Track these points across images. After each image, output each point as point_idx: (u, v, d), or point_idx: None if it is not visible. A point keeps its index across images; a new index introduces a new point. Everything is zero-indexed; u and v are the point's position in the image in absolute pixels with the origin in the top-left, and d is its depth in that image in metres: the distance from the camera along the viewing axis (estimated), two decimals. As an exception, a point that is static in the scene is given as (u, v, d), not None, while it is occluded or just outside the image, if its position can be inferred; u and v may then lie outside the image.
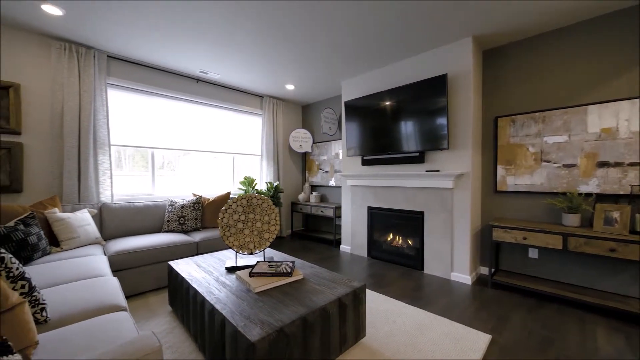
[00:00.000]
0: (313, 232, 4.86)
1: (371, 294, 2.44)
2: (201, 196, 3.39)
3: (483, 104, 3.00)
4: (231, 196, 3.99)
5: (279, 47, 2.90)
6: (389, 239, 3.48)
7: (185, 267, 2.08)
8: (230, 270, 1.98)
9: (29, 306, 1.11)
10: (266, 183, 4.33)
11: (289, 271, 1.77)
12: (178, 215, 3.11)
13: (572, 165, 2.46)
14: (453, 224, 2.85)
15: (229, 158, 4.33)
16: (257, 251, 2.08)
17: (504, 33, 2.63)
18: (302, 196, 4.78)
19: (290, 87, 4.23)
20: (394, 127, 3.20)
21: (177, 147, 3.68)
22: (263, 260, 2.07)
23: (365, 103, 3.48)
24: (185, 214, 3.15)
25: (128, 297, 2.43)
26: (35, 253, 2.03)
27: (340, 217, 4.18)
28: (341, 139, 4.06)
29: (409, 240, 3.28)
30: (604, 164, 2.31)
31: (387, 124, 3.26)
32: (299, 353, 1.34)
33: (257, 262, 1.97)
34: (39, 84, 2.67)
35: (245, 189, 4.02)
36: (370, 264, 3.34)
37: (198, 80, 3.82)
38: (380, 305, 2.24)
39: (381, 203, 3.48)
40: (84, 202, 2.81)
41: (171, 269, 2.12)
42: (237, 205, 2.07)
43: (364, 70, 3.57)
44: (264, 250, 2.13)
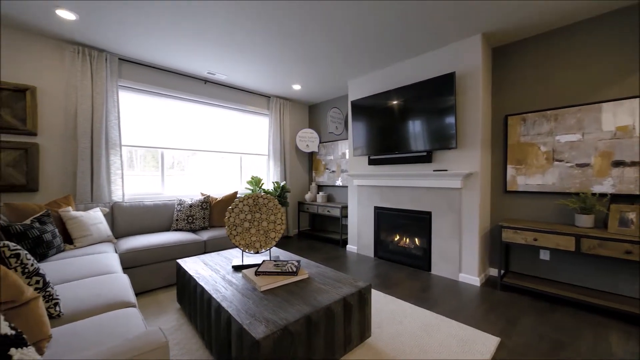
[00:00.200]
0: (319, 231, 4.86)
1: (377, 294, 2.43)
2: (209, 196, 3.44)
3: (492, 103, 2.94)
4: (238, 196, 4.03)
5: (285, 47, 2.92)
6: (395, 239, 3.45)
7: (193, 265, 2.11)
8: (237, 268, 2.00)
9: (43, 301, 1.15)
10: (273, 183, 4.36)
11: (295, 270, 1.78)
12: (186, 215, 3.17)
13: (586, 165, 2.39)
14: (461, 224, 2.81)
15: (236, 158, 4.38)
16: (263, 250, 2.10)
17: (514, 30, 2.57)
18: (308, 196, 4.79)
19: (296, 87, 4.24)
20: (401, 127, 3.17)
21: (186, 148, 3.75)
22: (269, 259, 2.08)
23: (372, 102, 3.46)
24: (193, 213, 3.20)
25: (138, 294, 2.48)
26: (50, 250, 2.10)
27: (347, 217, 4.17)
28: (348, 138, 4.05)
29: (416, 241, 3.25)
30: (619, 164, 2.24)
31: (394, 124, 3.24)
32: (303, 351, 1.34)
33: (263, 261, 1.99)
34: (53, 86, 2.76)
35: (252, 188, 4.06)
36: (376, 264, 3.32)
37: (206, 81, 3.87)
38: (386, 305, 2.23)
39: (388, 203, 3.46)
40: (97, 201, 2.89)
41: (179, 267, 2.16)
42: (243, 204, 2.09)
43: (370, 70, 3.55)
44: (269, 250, 2.15)
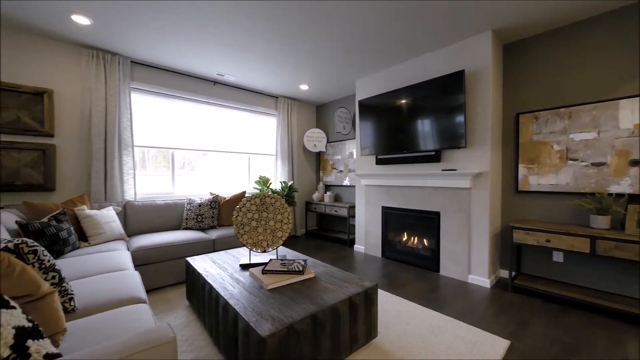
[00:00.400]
0: (327, 231, 4.87)
1: (384, 295, 2.42)
2: (218, 195, 3.49)
3: (503, 101, 2.88)
4: (246, 195, 4.07)
5: (292, 47, 2.94)
6: (403, 239, 3.42)
7: (202, 263, 2.15)
8: (244, 267, 2.03)
9: (58, 296, 1.19)
10: (281, 182, 4.39)
11: (301, 269, 1.79)
12: (196, 214, 3.22)
13: (602, 164, 2.31)
14: (471, 225, 2.76)
15: (244, 158, 4.43)
16: (270, 249, 2.12)
17: (526, 26, 2.51)
18: (316, 195, 4.80)
19: (304, 87, 4.26)
20: (409, 126, 3.14)
21: (195, 148, 3.81)
22: (276, 258, 2.10)
23: (379, 102, 3.44)
24: (202, 212, 3.25)
25: (148, 291, 2.54)
26: (66, 247, 2.18)
27: (354, 217, 4.16)
28: (355, 138, 4.04)
29: (424, 241, 3.21)
30: (637, 163, 2.16)
31: (402, 123, 3.21)
32: (309, 350, 1.35)
33: (270, 259, 2.01)
34: (69, 89, 2.86)
35: (260, 188, 4.10)
36: (384, 264, 3.30)
37: (215, 82, 3.93)
38: (393, 306, 2.21)
39: (396, 203, 3.43)
40: (110, 200, 2.98)
41: (188, 265, 2.20)
42: (251, 204, 2.11)
43: (378, 69, 3.53)
44: (276, 249, 2.16)
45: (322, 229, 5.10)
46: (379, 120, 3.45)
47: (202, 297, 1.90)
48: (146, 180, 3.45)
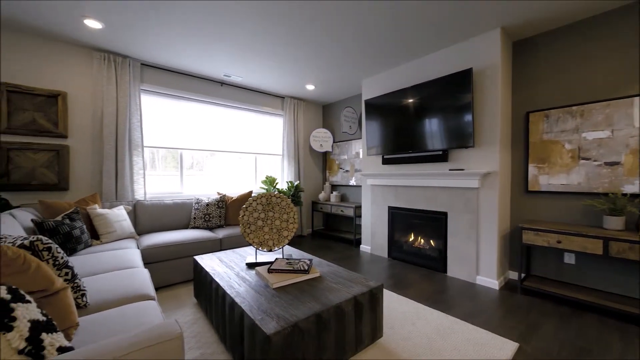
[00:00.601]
0: (333, 231, 4.87)
1: (391, 295, 2.41)
2: (225, 195, 3.53)
3: (513, 99, 2.83)
4: (253, 195, 4.11)
5: (298, 48, 2.95)
6: (410, 239, 3.40)
7: (209, 262, 2.18)
8: (250, 266, 2.05)
9: (71, 291, 1.23)
10: (287, 182, 4.41)
11: (306, 269, 1.80)
12: (204, 213, 3.27)
13: (616, 163, 2.25)
14: (479, 225, 2.72)
15: (251, 158, 4.47)
16: (276, 248, 2.13)
17: (537, 22, 2.46)
18: (322, 195, 4.80)
19: (310, 87, 4.27)
20: (416, 125, 3.12)
21: (203, 148, 3.87)
22: (282, 257, 2.12)
23: (386, 101, 3.42)
24: (210, 211, 3.30)
25: (157, 288, 2.59)
26: (78, 245, 2.24)
27: (361, 217, 4.15)
28: (361, 138, 4.03)
29: (431, 242, 3.18)
30: (653, 162, 2.09)
31: (408, 122, 3.19)
32: (314, 349, 1.36)
33: (275, 258, 2.02)
34: (82, 91, 2.94)
35: (266, 188, 4.13)
36: (390, 265, 3.29)
37: (222, 83, 3.98)
38: (399, 306, 2.20)
39: (402, 203, 3.41)
40: (121, 200, 3.05)
41: (196, 263, 2.24)
42: (257, 203, 2.13)
43: (384, 68, 3.52)
44: (282, 248, 2.18)
45: (329, 229, 5.10)
46: (386, 119, 3.44)
47: (209, 295, 1.93)
48: (156, 180, 3.52)
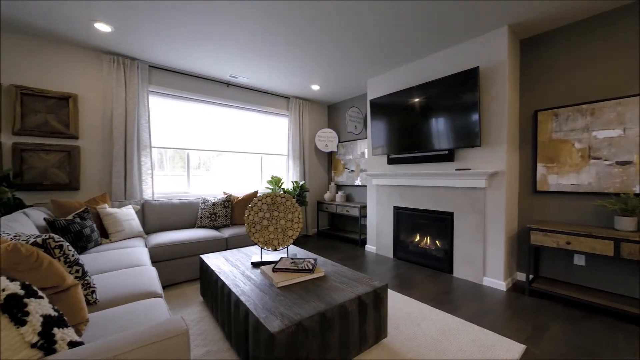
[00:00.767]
0: (338, 231, 4.87)
1: (396, 296, 2.40)
2: (231, 194, 3.57)
3: (521, 98, 2.78)
4: (258, 195, 4.14)
5: (303, 48, 2.96)
6: (416, 240, 3.37)
7: (215, 261, 2.21)
8: (256, 265, 2.07)
9: (81, 288, 1.26)
10: (292, 182, 4.43)
11: (311, 268, 1.81)
12: (210, 212, 3.31)
13: (627, 163, 2.19)
14: (486, 225, 2.69)
15: (257, 158, 4.50)
16: (281, 248, 2.15)
17: (545, 19, 2.42)
18: (327, 195, 4.81)
19: (315, 88, 4.28)
20: (421, 125, 3.10)
21: (209, 149, 3.91)
22: (286, 256, 2.13)
23: (391, 100, 3.41)
24: (216, 211, 3.34)
25: (164, 286, 2.64)
26: (89, 243, 2.30)
27: (366, 217, 4.14)
28: (367, 137, 4.02)
29: (437, 242, 3.15)
30: (667, 161, 2.03)
31: (414, 122, 3.17)
32: (318, 347, 1.36)
33: (280, 258, 2.04)
34: (92, 93, 3.01)
35: (272, 188, 4.15)
36: (396, 265, 3.27)
37: (228, 84, 4.02)
38: (404, 307, 2.19)
39: (408, 203, 3.39)
40: (129, 199, 3.11)
41: (202, 262, 2.27)
42: (262, 203, 2.15)
43: (390, 68, 3.50)
44: (287, 247, 2.19)
45: (334, 229, 5.10)
46: (391, 119, 3.42)
47: (215, 293, 1.96)
48: (163, 180, 3.58)
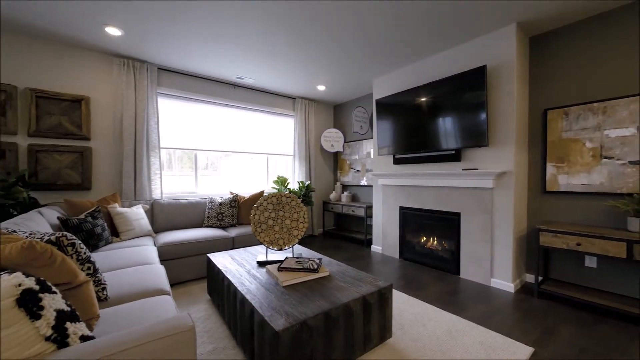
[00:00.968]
0: (344, 231, 4.86)
1: (401, 296, 2.39)
2: (237, 194, 3.61)
3: (530, 96, 2.74)
4: (264, 195, 4.17)
5: (309, 49, 2.97)
6: (422, 240, 3.35)
7: (222, 260, 2.24)
8: (261, 264, 2.09)
9: (93, 285, 1.30)
10: (298, 182, 4.45)
11: (316, 267, 1.82)
12: (217, 212, 3.36)
13: (641, 162, 2.14)
14: (493, 226, 2.65)
15: (263, 158, 4.54)
16: (287, 247, 2.16)
17: (555, 16, 2.38)
18: (333, 195, 4.81)
19: (321, 88, 4.29)
20: (427, 124, 3.07)
21: (217, 149, 3.97)
22: (292, 256, 2.14)
23: (397, 100, 3.39)
24: (223, 210, 3.38)
25: (172, 284, 2.69)
26: (100, 242, 2.36)
27: (372, 217, 4.13)
28: (373, 137, 4.00)
29: (443, 243, 3.12)
30: (683, 160, 1.97)
31: (420, 121, 3.15)
32: (322, 346, 1.37)
33: (286, 257, 2.06)
34: (103, 96, 3.09)
35: (278, 188, 4.18)
36: (401, 265, 3.25)
37: (235, 85, 4.06)
38: (410, 307, 2.18)
39: (414, 203, 3.37)
40: (139, 199, 3.18)
41: (209, 261, 2.30)
42: (267, 203, 2.17)
43: (396, 67, 3.49)
44: (292, 247, 2.21)
45: (339, 229, 5.10)
46: (397, 119, 3.41)
47: (221, 291, 1.99)
48: (172, 180, 3.64)
